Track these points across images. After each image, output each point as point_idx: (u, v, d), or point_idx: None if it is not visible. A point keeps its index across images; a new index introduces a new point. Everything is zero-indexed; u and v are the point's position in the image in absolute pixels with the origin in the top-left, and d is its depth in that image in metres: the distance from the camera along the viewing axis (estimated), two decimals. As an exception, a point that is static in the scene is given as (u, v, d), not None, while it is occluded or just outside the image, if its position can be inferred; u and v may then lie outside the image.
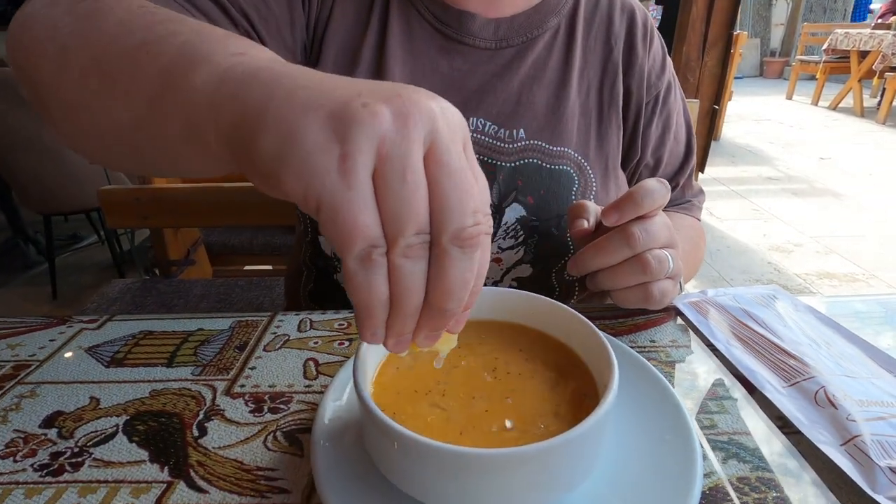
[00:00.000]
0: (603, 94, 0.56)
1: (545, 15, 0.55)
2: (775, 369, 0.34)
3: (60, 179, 2.03)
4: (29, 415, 0.33)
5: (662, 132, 0.60)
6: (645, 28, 0.59)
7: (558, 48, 0.55)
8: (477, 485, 0.21)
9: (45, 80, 0.32)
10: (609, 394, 0.22)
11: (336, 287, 0.56)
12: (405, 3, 0.53)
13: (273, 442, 0.30)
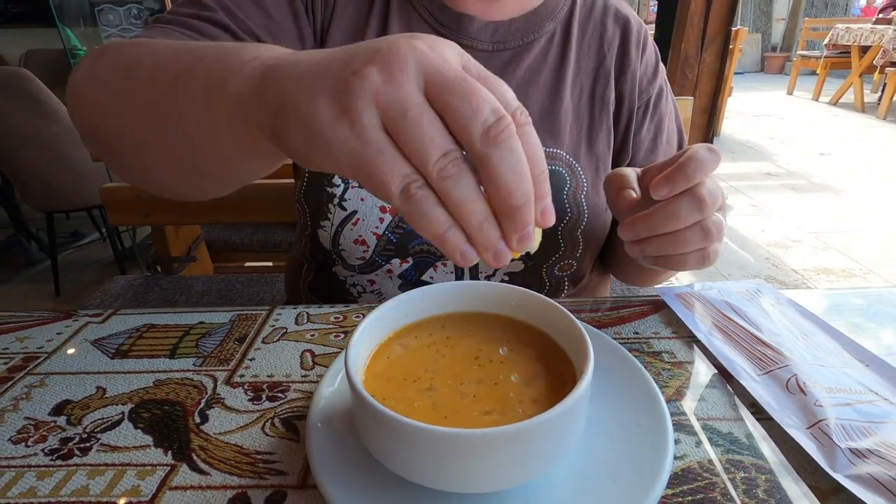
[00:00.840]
0: (595, 98, 0.58)
1: (541, 20, 0.57)
2: (752, 358, 0.35)
3: (62, 177, 2.05)
4: (39, 403, 0.35)
5: (655, 135, 0.61)
6: (639, 36, 0.60)
7: (553, 53, 0.57)
8: (456, 463, 0.22)
9: (111, 132, 0.36)
10: (581, 383, 0.23)
11: (335, 279, 0.58)
12: (405, 5, 0.54)
13: (271, 428, 0.32)
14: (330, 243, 0.53)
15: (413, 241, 0.53)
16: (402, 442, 0.23)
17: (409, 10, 0.54)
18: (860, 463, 0.25)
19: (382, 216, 0.52)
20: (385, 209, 0.52)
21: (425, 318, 0.32)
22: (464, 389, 0.27)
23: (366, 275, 0.55)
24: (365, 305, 0.46)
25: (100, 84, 0.36)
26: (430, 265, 0.54)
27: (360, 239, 0.52)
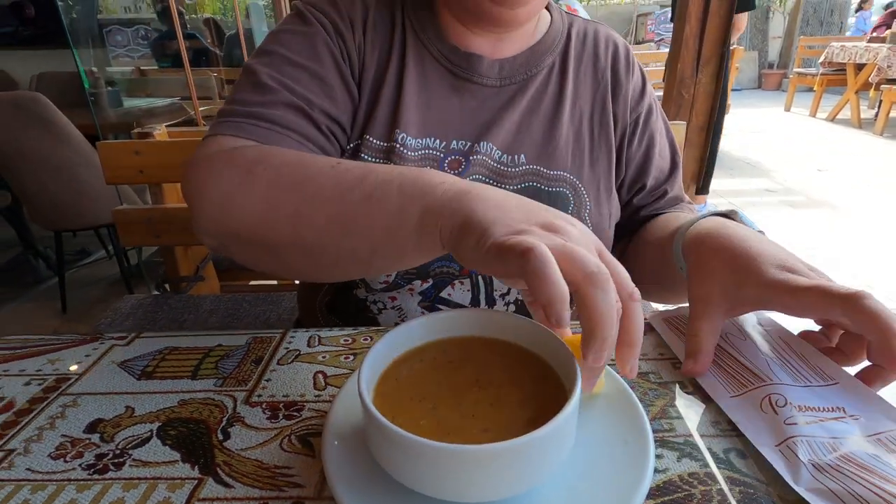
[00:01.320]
0: (594, 121, 0.62)
1: (541, 54, 0.61)
2: (730, 379, 0.38)
3: (71, 197, 2.09)
4: (73, 422, 0.38)
5: (646, 150, 0.65)
6: (627, 60, 0.65)
7: (553, 83, 0.61)
8: (458, 476, 0.25)
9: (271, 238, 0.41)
10: (567, 406, 0.26)
11: (354, 299, 0.61)
12: (419, 47, 0.58)
13: (288, 444, 0.35)
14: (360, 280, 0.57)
15: (433, 265, 0.56)
16: (410, 456, 0.26)
17: (422, 51, 0.58)
18: (821, 477, 0.28)
19: None
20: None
21: (429, 343, 0.35)
22: (464, 410, 0.30)
23: (387, 293, 0.59)
24: (373, 329, 0.49)
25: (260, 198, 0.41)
26: (447, 283, 0.58)
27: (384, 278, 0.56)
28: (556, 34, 0.63)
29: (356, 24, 0.57)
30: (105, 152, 1.13)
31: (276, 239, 0.41)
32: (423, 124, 0.57)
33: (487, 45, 0.59)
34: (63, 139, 1.94)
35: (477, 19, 0.56)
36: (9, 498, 0.31)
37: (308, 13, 0.56)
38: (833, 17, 8.40)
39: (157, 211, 1.20)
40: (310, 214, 0.40)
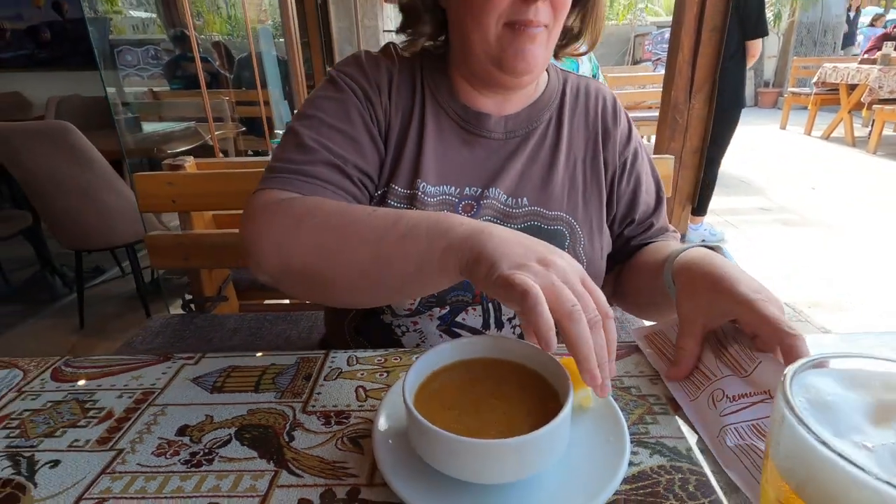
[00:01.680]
0: (586, 166, 0.72)
1: (540, 110, 0.71)
2: (688, 384, 0.47)
3: (94, 219, 2.20)
4: (165, 427, 0.47)
5: (634, 188, 0.75)
6: (615, 110, 0.75)
7: (551, 134, 0.71)
8: (478, 463, 0.34)
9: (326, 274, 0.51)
10: (560, 415, 0.35)
11: (380, 322, 0.70)
12: (436, 106, 0.68)
13: (341, 444, 0.44)
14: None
15: (450, 294, 0.66)
16: (443, 448, 0.35)
17: (438, 110, 0.68)
18: (742, 457, 0.37)
19: None
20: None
21: (455, 362, 0.44)
22: (482, 416, 0.39)
23: (410, 318, 0.68)
24: (400, 350, 0.58)
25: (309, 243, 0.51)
26: (462, 310, 0.67)
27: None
28: (552, 91, 0.73)
29: (382, 88, 0.67)
30: (141, 183, 1.23)
31: (324, 276, 0.51)
32: (440, 174, 0.66)
33: (494, 104, 0.69)
34: (88, 165, 2.05)
35: (485, 84, 0.66)
36: (129, 486, 0.40)
37: (340, 80, 0.66)
38: (826, 37, 8.58)
39: (187, 237, 1.30)
40: (352, 255, 0.49)
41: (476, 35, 0.61)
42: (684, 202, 2.79)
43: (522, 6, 0.58)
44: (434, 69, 0.70)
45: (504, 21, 0.59)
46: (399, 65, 0.69)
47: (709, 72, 2.50)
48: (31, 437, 0.46)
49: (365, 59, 0.68)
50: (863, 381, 0.23)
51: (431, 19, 0.66)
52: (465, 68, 0.67)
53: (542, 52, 0.62)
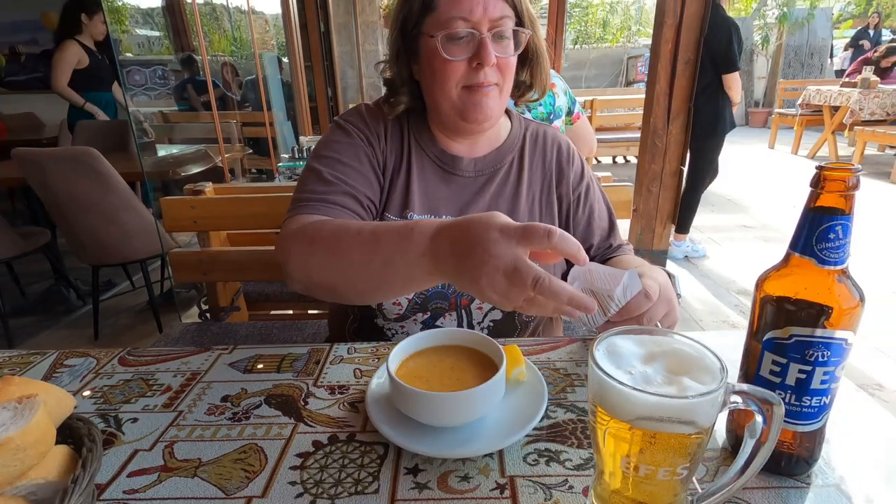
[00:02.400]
0: (542, 201, 0.88)
1: (504, 153, 0.88)
2: None
3: (113, 237, 2.36)
4: (212, 396, 0.63)
5: (588, 216, 0.91)
6: (569, 153, 0.91)
7: (513, 173, 0.88)
8: (437, 410, 0.51)
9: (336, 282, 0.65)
10: (495, 377, 0.51)
11: (375, 326, 0.86)
12: (420, 151, 0.85)
13: (343, 406, 0.60)
14: (375, 304, 0.83)
15: (431, 302, 0.82)
16: (414, 400, 0.51)
17: (422, 155, 0.85)
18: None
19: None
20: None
21: (427, 348, 0.61)
22: (444, 383, 0.55)
23: (398, 322, 0.84)
24: (388, 343, 0.75)
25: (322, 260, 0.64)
26: (441, 315, 0.83)
27: (397, 302, 0.82)
28: (515, 138, 0.89)
29: (380, 136, 0.84)
30: (167, 207, 1.41)
31: (337, 286, 0.66)
32: (423, 205, 0.83)
33: (465, 148, 0.86)
34: (110, 187, 2.23)
35: (455, 132, 0.84)
36: (190, 433, 0.56)
37: (348, 127, 0.83)
38: (813, 59, 8.87)
39: (206, 253, 1.47)
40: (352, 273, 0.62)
41: (442, 97, 0.77)
42: (665, 221, 2.97)
43: (474, 73, 0.74)
44: (418, 122, 0.87)
45: (462, 85, 0.76)
46: (391, 121, 0.86)
47: (684, 101, 2.70)
48: (114, 404, 0.62)
49: (366, 112, 0.85)
50: (644, 341, 0.40)
51: (408, 90, 0.83)
52: (438, 122, 0.84)
53: (495, 104, 0.77)
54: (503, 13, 0.73)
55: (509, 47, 0.76)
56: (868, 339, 2.30)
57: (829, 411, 0.46)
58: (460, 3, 0.72)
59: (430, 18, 0.74)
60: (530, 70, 0.85)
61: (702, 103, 2.98)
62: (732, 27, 2.86)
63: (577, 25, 12.88)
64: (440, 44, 0.73)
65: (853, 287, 0.42)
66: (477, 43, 0.73)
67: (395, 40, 0.80)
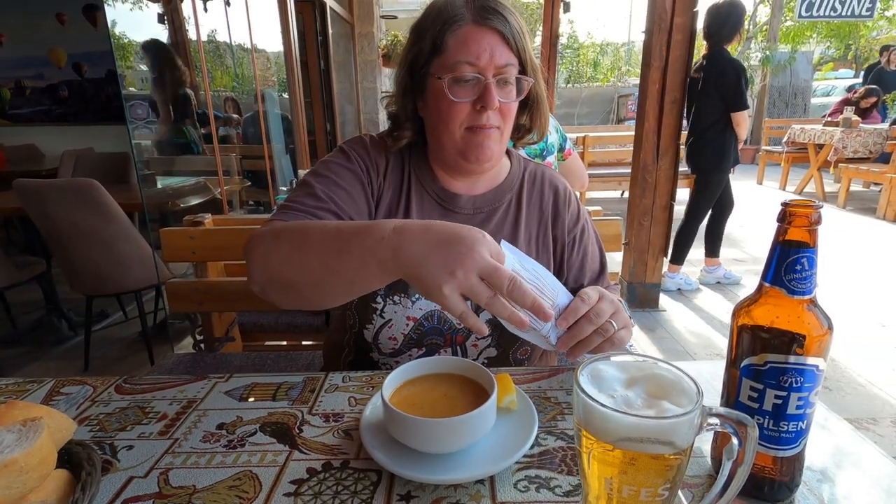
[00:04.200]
0: (539, 241, 0.89)
1: (503, 192, 0.89)
2: None
3: (110, 267, 2.37)
4: (207, 424, 0.64)
5: (582, 259, 0.91)
6: (565, 196, 0.92)
7: (511, 212, 0.89)
8: (432, 437, 0.52)
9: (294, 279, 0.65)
10: (485, 404, 0.53)
11: (370, 360, 0.87)
12: (420, 188, 0.86)
13: (337, 434, 0.61)
14: (371, 339, 0.84)
15: (427, 338, 0.83)
16: (407, 426, 0.53)
17: (422, 191, 0.86)
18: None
19: (408, 323, 0.82)
20: (410, 318, 0.82)
21: (420, 376, 0.62)
22: (436, 410, 0.57)
23: (394, 358, 0.85)
24: (380, 372, 0.76)
25: (285, 254, 0.64)
26: (436, 352, 0.85)
27: (392, 337, 0.83)
28: (514, 177, 0.91)
29: (380, 168, 0.86)
30: (166, 237, 1.43)
31: (292, 276, 0.64)
32: None
33: (465, 187, 0.88)
34: (110, 218, 2.25)
35: (456, 171, 0.86)
36: (187, 459, 0.57)
37: (351, 153, 0.85)
38: (797, 99, 9.19)
39: (202, 283, 1.48)
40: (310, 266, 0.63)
41: (445, 136, 0.80)
42: (657, 254, 3.02)
43: (478, 115, 0.77)
44: (419, 159, 0.89)
45: (465, 126, 0.78)
46: (393, 155, 0.88)
47: (672, 138, 2.79)
48: (109, 431, 0.63)
49: (369, 143, 0.88)
50: (626, 366, 0.42)
51: (412, 125, 0.85)
52: (440, 160, 0.86)
53: (496, 146, 0.80)
54: (508, 61, 0.77)
55: (512, 93, 0.79)
56: (861, 374, 2.31)
57: (807, 437, 0.48)
58: (468, 48, 0.75)
59: (439, 60, 0.77)
60: (530, 115, 0.88)
61: (709, 139, 3.11)
62: (739, 68, 2.97)
63: (570, 65, 13.33)
64: (447, 85, 0.76)
65: (822, 316, 0.45)
66: (482, 87, 0.76)
67: (403, 77, 0.83)
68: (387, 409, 0.54)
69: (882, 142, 5.38)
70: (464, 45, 0.75)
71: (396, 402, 0.56)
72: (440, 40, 0.76)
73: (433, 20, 0.78)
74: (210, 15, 3.88)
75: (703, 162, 3.18)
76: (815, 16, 7.71)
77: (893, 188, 4.89)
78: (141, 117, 6.49)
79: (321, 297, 0.66)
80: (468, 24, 0.76)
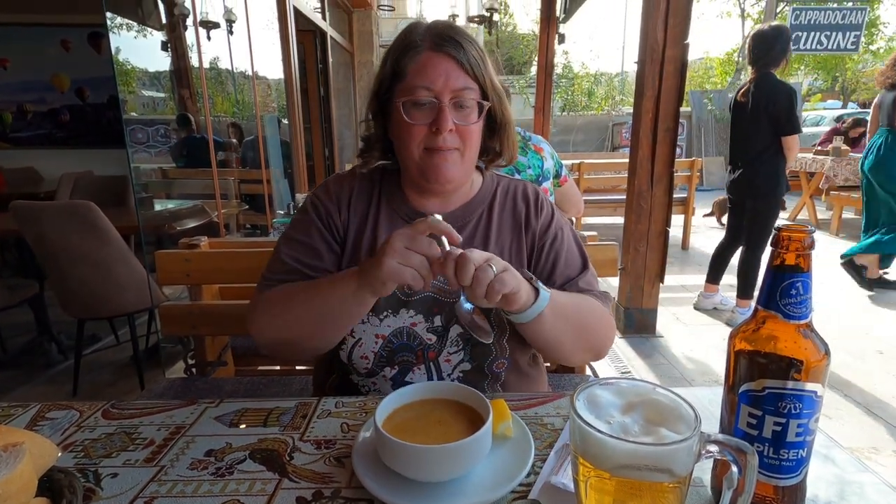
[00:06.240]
0: (511, 249, 0.89)
1: (474, 208, 0.90)
2: None
3: (104, 289, 2.35)
4: (195, 451, 0.62)
5: (553, 263, 0.90)
6: (536, 203, 0.93)
7: (482, 226, 0.90)
8: (426, 464, 0.51)
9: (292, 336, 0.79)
10: (480, 431, 0.52)
11: (351, 383, 0.87)
12: (391, 211, 0.89)
13: (329, 462, 0.59)
14: (346, 359, 0.84)
15: (397, 355, 0.83)
16: (402, 456, 0.51)
17: (392, 213, 0.88)
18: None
19: (378, 340, 0.83)
20: (379, 335, 0.83)
21: (413, 402, 0.61)
22: (430, 437, 0.56)
23: (370, 378, 0.85)
24: (375, 397, 0.75)
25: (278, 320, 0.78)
26: (409, 371, 0.84)
27: (364, 356, 0.83)
28: (485, 193, 0.92)
29: (342, 203, 0.89)
30: (161, 260, 1.42)
31: (289, 334, 0.78)
32: None
33: (435, 205, 0.89)
34: (105, 240, 2.25)
35: (423, 190, 0.87)
36: (171, 489, 0.55)
37: (311, 204, 0.90)
38: (787, 129, 9.34)
39: (196, 307, 1.47)
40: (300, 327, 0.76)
41: (407, 157, 0.83)
42: (653, 279, 3.02)
43: (433, 136, 0.79)
44: (391, 184, 0.91)
45: (424, 146, 0.81)
46: (358, 181, 0.91)
47: (665, 165, 2.83)
48: (94, 458, 0.61)
49: (333, 182, 0.92)
50: (623, 391, 0.41)
51: (381, 147, 0.89)
52: (408, 180, 0.89)
53: (455, 167, 0.82)
54: (465, 85, 0.80)
55: (470, 116, 0.81)
56: (860, 402, 2.29)
57: (808, 466, 0.47)
58: (424, 73, 0.79)
59: (400, 85, 0.81)
60: (499, 138, 0.90)
61: (759, 165, 2.94)
62: (791, 91, 2.82)
63: (565, 94, 13.61)
64: (403, 108, 0.80)
65: (818, 341, 0.44)
66: (437, 110, 0.79)
67: (372, 101, 0.87)
68: (379, 435, 0.53)
69: (872, 170, 5.46)
70: (421, 71, 0.79)
71: (390, 429, 0.55)
72: (399, 66, 0.81)
73: (395, 47, 0.83)
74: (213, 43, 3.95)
75: (757, 189, 2.98)
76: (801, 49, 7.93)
77: (885, 216, 4.94)
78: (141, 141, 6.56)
79: (318, 342, 0.79)
80: (426, 50, 0.80)
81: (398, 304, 0.84)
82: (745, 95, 2.92)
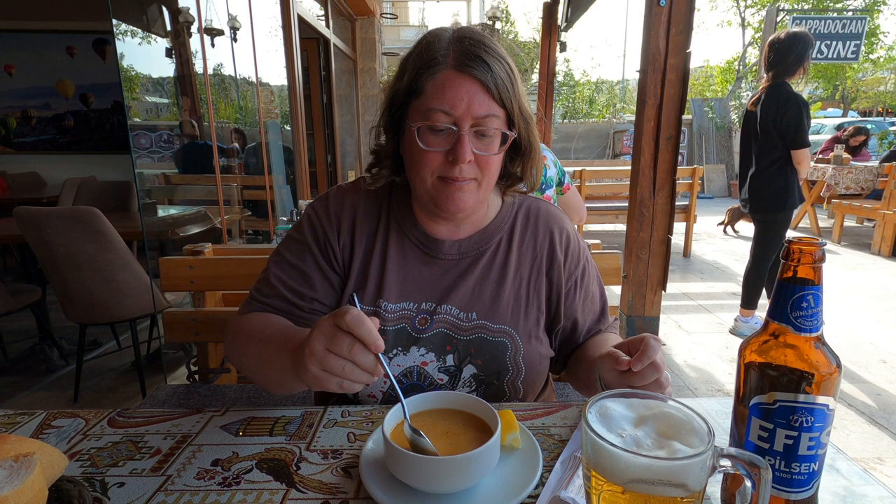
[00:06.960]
0: (530, 286, 0.83)
1: (490, 235, 0.83)
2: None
3: (106, 295, 2.35)
4: (202, 460, 0.62)
5: (583, 302, 0.87)
6: (562, 236, 0.86)
7: (500, 256, 0.83)
8: (435, 476, 0.50)
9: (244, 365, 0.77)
10: (489, 442, 0.52)
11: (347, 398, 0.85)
12: (401, 234, 0.83)
13: (336, 472, 0.59)
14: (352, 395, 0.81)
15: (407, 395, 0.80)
16: (411, 466, 0.51)
17: (402, 237, 0.82)
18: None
19: (386, 380, 0.76)
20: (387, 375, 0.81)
21: (421, 411, 0.61)
22: (438, 448, 0.55)
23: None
24: (382, 406, 0.74)
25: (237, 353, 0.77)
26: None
27: (372, 394, 0.80)
28: (504, 217, 0.84)
29: (343, 225, 0.82)
30: (165, 266, 1.42)
31: (247, 372, 0.76)
32: (401, 291, 0.80)
33: (447, 231, 0.83)
34: (109, 246, 2.25)
35: (434, 215, 0.81)
36: (178, 499, 0.55)
37: (307, 222, 0.83)
38: (788, 137, 9.35)
39: (200, 313, 1.47)
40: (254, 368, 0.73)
41: (417, 182, 0.76)
42: (656, 287, 3.02)
43: (450, 166, 0.72)
44: (400, 203, 0.84)
45: (437, 175, 0.74)
46: (364, 198, 0.84)
47: (668, 173, 2.83)
48: (100, 467, 0.61)
49: (333, 198, 0.85)
50: (635, 405, 0.41)
51: (392, 163, 0.81)
52: (419, 203, 0.82)
53: (470, 197, 0.75)
54: (489, 112, 0.71)
55: (492, 145, 0.73)
56: (864, 412, 2.28)
57: (819, 479, 0.46)
58: (444, 96, 0.70)
59: (416, 103, 0.73)
60: (522, 163, 0.82)
61: (769, 177, 2.88)
62: (802, 104, 2.73)
63: (566, 102, 13.66)
64: (418, 133, 0.71)
65: (830, 354, 0.44)
66: (455, 138, 0.71)
67: (384, 114, 0.79)
68: (387, 445, 0.53)
69: (873, 178, 5.47)
70: (440, 92, 0.70)
71: (398, 439, 0.55)
72: (416, 84, 0.72)
73: (414, 60, 0.74)
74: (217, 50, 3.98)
75: (766, 201, 2.92)
76: (802, 57, 7.93)
77: (887, 224, 4.94)
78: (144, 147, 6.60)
79: (267, 388, 0.74)
80: (448, 69, 0.71)
81: (409, 342, 0.79)
82: (755, 105, 2.87)
